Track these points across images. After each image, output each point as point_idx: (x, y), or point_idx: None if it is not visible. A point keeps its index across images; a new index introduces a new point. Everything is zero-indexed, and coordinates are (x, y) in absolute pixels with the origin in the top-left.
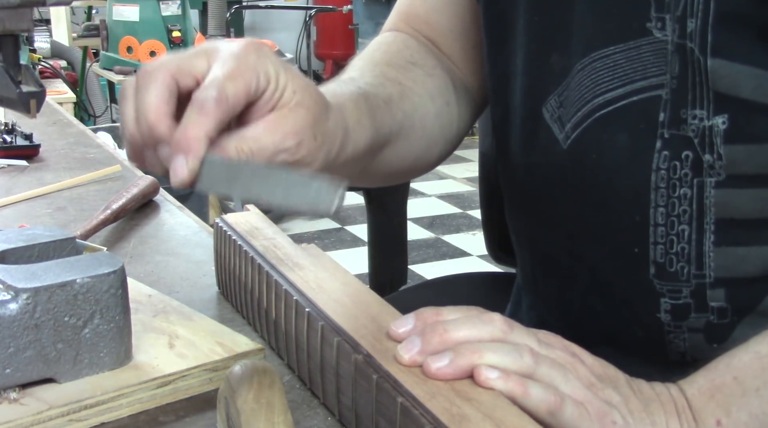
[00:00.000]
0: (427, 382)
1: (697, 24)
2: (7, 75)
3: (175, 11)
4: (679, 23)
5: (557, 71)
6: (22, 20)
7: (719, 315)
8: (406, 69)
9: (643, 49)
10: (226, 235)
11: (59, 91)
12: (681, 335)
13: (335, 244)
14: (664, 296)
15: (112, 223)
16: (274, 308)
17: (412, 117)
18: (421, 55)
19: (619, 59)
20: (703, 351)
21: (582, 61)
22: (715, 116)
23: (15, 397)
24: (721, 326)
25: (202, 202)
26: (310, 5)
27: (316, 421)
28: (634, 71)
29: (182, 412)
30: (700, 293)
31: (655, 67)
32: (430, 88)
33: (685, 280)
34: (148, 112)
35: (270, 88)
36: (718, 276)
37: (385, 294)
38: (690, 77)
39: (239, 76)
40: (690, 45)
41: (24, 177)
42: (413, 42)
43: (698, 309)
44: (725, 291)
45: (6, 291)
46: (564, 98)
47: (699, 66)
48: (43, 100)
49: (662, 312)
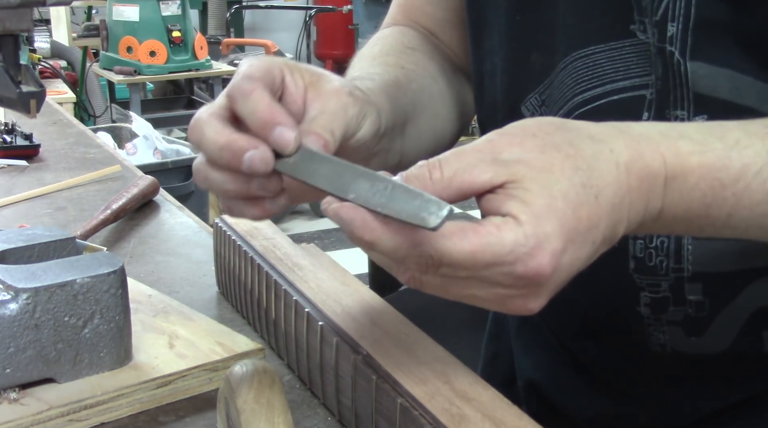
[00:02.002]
0: (426, 383)
1: (678, 28)
2: (7, 75)
3: (175, 11)
4: (657, 27)
5: (538, 70)
6: (22, 20)
7: (697, 309)
8: (405, 53)
9: (625, 50)
10: (226, 235)
11: (59, 91)
12: (660, 328)
13: (335, 244)
14: (644, 290)
15: (112, 223)
16: (273, 308)
17: (421, 96)
18: (419, 41)
19: (600, 59)
20: (683, 343)
21: (564, 59)
22: (695, 116)
23: (15, 397)
24: (699, 319)
25: (202, 202)
26: (310, 5)
27: (316, 421)
28: (614, 71)
29: (182, 412)
30: (679, 287)
31: (639, 68)
32: (431, 70)
33: (664, 274)
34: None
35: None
36: (696, 270)
37: (384, 294)
38: (671, 79)
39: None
40: (670, 48)
41: (24, 177)
42: (410, 31)
43: (676, 302)
44: (702, 285)
45: (6, 291)
46: (546, 97)
47: (679, 68)
48: (43, 100)
49: (642, 305)
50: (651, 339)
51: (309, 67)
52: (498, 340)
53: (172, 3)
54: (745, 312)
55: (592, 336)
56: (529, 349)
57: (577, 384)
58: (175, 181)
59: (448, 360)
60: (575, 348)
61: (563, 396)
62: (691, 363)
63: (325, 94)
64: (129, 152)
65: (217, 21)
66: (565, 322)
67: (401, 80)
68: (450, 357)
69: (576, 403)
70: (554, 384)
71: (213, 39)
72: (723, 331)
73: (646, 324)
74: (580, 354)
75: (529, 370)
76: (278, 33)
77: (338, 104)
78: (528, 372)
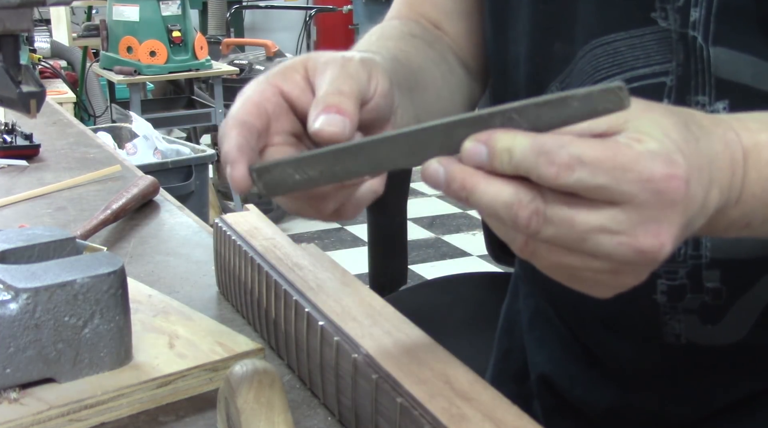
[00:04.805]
0: (426, 383)
1: (701, 13)
2: (7, 75)
3: (175, 11)
4: (680, 13)
5: (560, 58)
6: (22, 20)
7: (714, 296)
8: (404, 39)
9: (646, 38)
10: (226, 235)
11: (59, 91)
12: (676, 316)
13: (335, 244)
14: (661, 277)
15: (112, 223)
16: (273, 308)
17: (422, 75)
18: (420, 29)
19: (620, 47)
20: (698, 332)
21: (584, 47)
22: (716, 102)
23: (15, 397)
24: (715, 307)
25: (202, 202)
26: (310, 5)
27: (316, 421)
28: (635, 59)
29: (182, 412)
30: (696, 274)
31: (659, 55)
32: (431, 56)
33: (682, 261)
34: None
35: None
36: (714, 257)
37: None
38: (693, 64)
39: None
40: (692, 33)
41: (24, 177)
42: (413, 22)
43: (694, 290)
44: (720, 273)
45: (6, 291)
46: (566, 85)
47: (701, 53)
48: (43, 100)
49: (658, 293)
50: (666, 329)
51: (306, 63)
52: (511, 335)
53: (172, 3)
54: (762, 301)
55: (607, 326)
56: (541, 343)
57: (590, 377)
58: (175, 181)
59: (448, 360)
60: (589, 340)
61: (576, 389)
62: (705, 355)
63: (320, 67)
64: (129, 152)
65: (217, 21)
66: (579, 312)
67: (400, 59)
68: (450, 357)
69: (589, 396)
70: (567, 377)
71: (213, 39)
72: (739, 321)
73: (662, 313)
74: (593, 346)
75: (541, 364)
76: (278, 33)
77: (336, 68)
78: (540, 366)
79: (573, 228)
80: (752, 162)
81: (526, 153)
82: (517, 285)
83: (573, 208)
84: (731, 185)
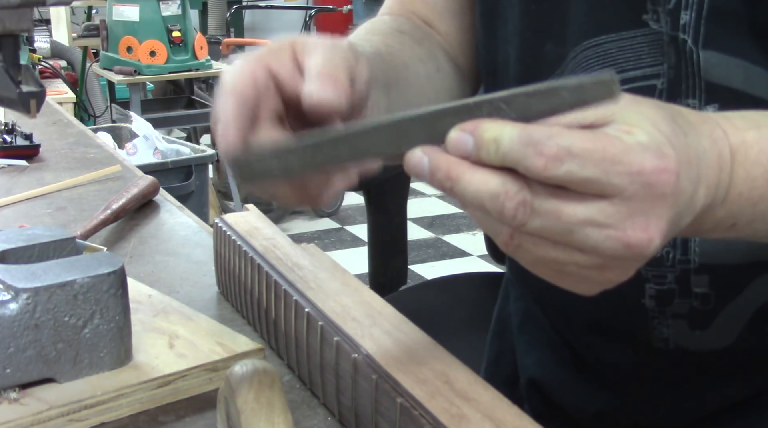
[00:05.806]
0: (426, 383)
1: (692, 16)
2: (7, 75)
3: (175, 11)
4: (671, 16)
5: (551, 59)
6: (22, 20)
7: (702, 302)
8: (392, 36)
9: (637, 40)
10: (226, 235)
11: (59, 91)
12: (665, 321)
13: (335, 244)
14: (649, 281)
15: (112, 223)
16: (273, 308)
17: (405, 71)
18: (410, 26)
19: (611, 49)
20: (687, 337)
21: (575, 49)
22: (706, 105)
23: (15, 397)
24: (704, 312)
25: (202, 202)
26: (310, 5)
27: (316, 421)
28: (625, 61)
29: (182, 412)
30: (685, 279)
31: (650, 58)
32: (418, 53)
33: (670, 266)
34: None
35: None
36: (703, 262)
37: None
38: (683, 68)
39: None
40: (683, 36)
41: (24, 177)
42: (403, 19)
43: (682, 294)
44: (709, 278)
45: (6, 291)
46: None
47: (691, 57)
48: (43, 100)
49: (647, 297)
50: (654, 334)
51: (294, 46)
52: (501, 339)
53: (172, 3)
54: (750, 306)
55: (596, 330)
56: (531, 347)
57: (579, 382)
58: (175, 181)
59: (448, 360)
60: (578, 344)
61: (565, 393)
62: (694, 360)
63: (309, 49)
64: (129, 152)
65: (217, 21)
66: (568, 315)
67: (383, 53)
68: (450, 357)
69: (578, 401)
70: (556, 381)
71: (213, 39)
72: (728, 326)
73: (650, 318)
74: (582, 350)
75: (531, 368)
76: (278, 33)
77: (327, 49)
78: (530, 370)
79: (560, 220)
80: (739, 160)
81: (513, 143)
82: (507, 288)
83: (561, 200)
84: (718, 183)
